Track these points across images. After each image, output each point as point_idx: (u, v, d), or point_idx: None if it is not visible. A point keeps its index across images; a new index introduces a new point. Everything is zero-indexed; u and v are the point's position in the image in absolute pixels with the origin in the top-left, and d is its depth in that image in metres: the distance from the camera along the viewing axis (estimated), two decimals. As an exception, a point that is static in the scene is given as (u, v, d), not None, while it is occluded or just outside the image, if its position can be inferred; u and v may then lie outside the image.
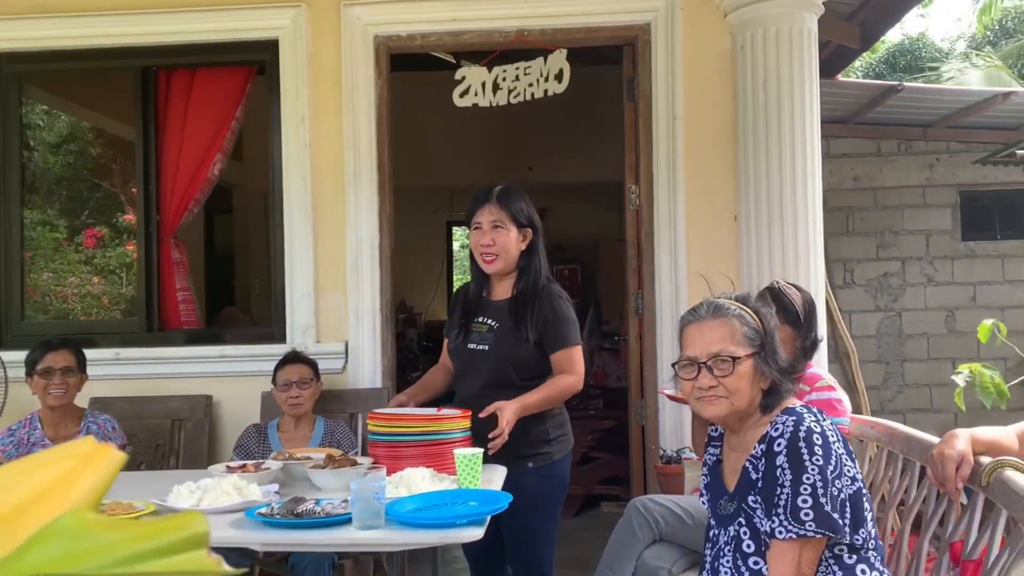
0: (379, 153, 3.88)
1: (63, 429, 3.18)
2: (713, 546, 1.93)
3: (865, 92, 5.70)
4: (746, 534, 1.83)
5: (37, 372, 3.12)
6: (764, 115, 3.53)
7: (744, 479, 1.85)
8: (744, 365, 1.83)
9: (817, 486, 1.71)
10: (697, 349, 1.86)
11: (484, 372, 2.76)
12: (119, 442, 3.26)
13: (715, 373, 1.83)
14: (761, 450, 1.82)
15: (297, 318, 3.89)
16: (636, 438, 3.90)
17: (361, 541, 1.98)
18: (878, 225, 6.47)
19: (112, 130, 5.51)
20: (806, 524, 1.71)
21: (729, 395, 1.83)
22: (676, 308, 3.73)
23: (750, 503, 1.82)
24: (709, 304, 1.90)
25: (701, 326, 1.88)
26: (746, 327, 1.85)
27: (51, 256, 5.22)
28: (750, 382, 1.83)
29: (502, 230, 2.72)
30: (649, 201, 3.81)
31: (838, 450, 1.77)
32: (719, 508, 1.93)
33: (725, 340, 1.83)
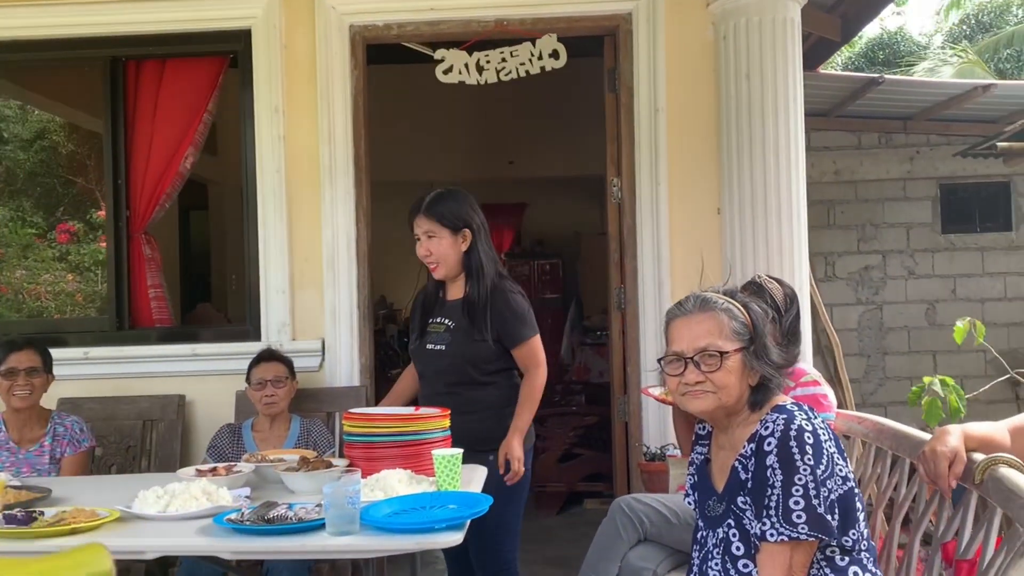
0: (355, 146, 3.79)
1: (28, 432, 3.08)
2: (701, 548, 1.87)
3: (846, 85, 5.68)
4: (735, 536, 1.77)
5: (1, 373, 3.01)
6: (748, 106, 3.48)
7: (733, 479, 1.79)
8: (732, 360, 1.77)
9: (809, 487, 1.66)
10: (683, 344, 1.81)
11: (444, 371, 2.81)
12: (88, 444, 3.17)
13: (702, 368, 1.78)
14: (751, 449, 1.76)
15: (272, 315, 3.80)
16: (619, 435, 3.84)
17: (335, 548, 1.90)
18: (859, 218, 6.48)
19: (82, 123, 5.38)
20: (798, 526, 1.65)
21: (717, 390, 1.78)
22: (659, 303, 3.68)
23: (739, 504, 1.76)
24: (696, 298, 1.85)
25: (688, 320, 1.82)
26: (734, 321, 1.80)
27: (24, 253, 5.10)
28: (738, 377, 1.78)
29: (435, 238, 2.78)
30: (631, 194, 3.75)
31: (830, 449, 1.72)
32: (707, 509, 1.87)
33: (712, 334, 1.78)
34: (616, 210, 3.85)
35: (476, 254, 2.79)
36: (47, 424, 3.11)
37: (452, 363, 2.78)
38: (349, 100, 3.79)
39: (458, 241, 2.78)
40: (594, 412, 5.44)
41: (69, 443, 3.10)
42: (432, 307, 2.91)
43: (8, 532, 1.97)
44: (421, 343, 2.88)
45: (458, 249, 2.79)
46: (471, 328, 2.76)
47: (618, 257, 3.85)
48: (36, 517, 2.04)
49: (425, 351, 2.85)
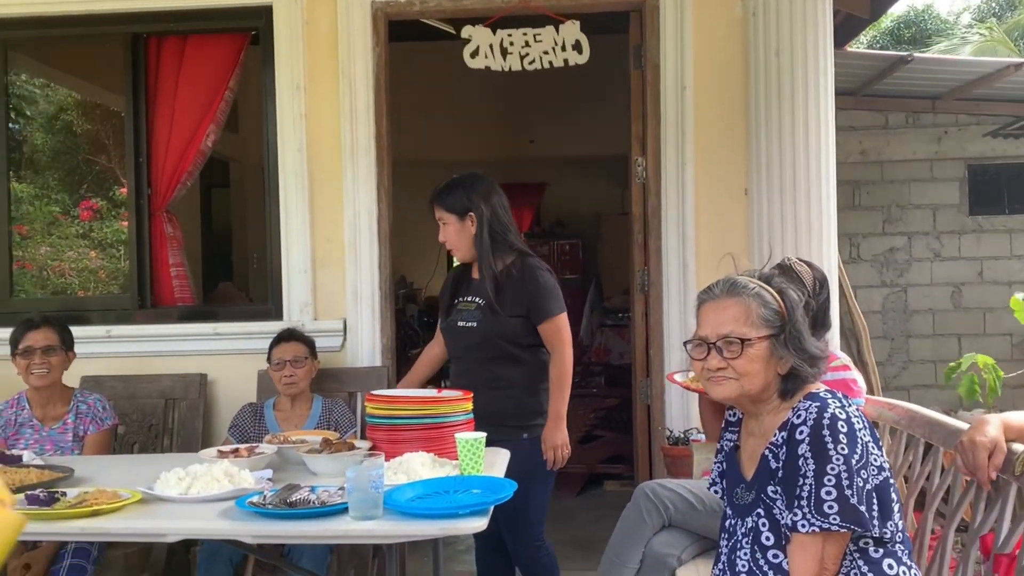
0: (377, 125, 3.75)
1: (51, 409, 3.09)
2: (730, 537, 1.83)
3: (874, 63, 5.55)
4: (765, 526, 1.73)
5: (19, 352, 3.01)
6: (777, 84, 3.41)
7: (763, 468, 1.75)
8: (756, 348, 1.72)
9: (842, 477, 1.61)
10: (708, 329, 1.77)
11: (475, 347, 2.89)
12: (111, 422, 3.17)
13: (724, 354, 1.74)
14: (782, 438, 1.71)
15: (294, 295, 3.78)
16: (641, 418, 3.80)
17: (358, 533, 1.88)
18: (885, 199, 6.39)
19: (104, 101, 5.37)
20: (830, 517, 1.61)
21: (739, 377, 1.73)
22: (683, 285, 3.63)
23: (769, 493, 1.72)
24: (726, 282, 1.80)
25: (715, 305, 1.78)
26: (764, 308, 1.74)
27: (48, 230, 5.12)
28: (763, 365, 1.73)
29: (447, 225, 2.92)
30: (656, 174, 3.69)
31: (864, 438, 1.67)
32: (736, 497, 1.83)
33: (738, 321, 1.74)
34: (640, 190, 3.79)
35: (482, 237, 2.86)
36: (70, 402, 3.11)
37: (484, 339, 2.86)
38: (371, 78, 3.74)
39: (466, 226, 2.88)
40: (614, 394, 5.40)
41: (92, 421, 3.11)
42: (461, 286, 2.99)
43: (30, 513, 1.96)
44: (452, 321, 2.95)
45: (468, 233, 2.89)
46: (499, 304, 2.83)
47: (642, 238, 3.79)
48: (58, 498, 2.03)
49: (457, 328, 2.93)
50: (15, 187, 4.71)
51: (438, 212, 2.93)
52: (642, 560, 2.49)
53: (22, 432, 3.04)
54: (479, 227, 2.86)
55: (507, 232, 2.90)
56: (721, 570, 1.83)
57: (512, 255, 2.90)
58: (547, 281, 2.87)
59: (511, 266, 2.88)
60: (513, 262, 2.88)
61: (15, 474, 2.24)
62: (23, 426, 3.05)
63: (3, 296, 3.99)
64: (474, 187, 2.90)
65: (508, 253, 2.90)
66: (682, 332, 3.63)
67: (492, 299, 2.83)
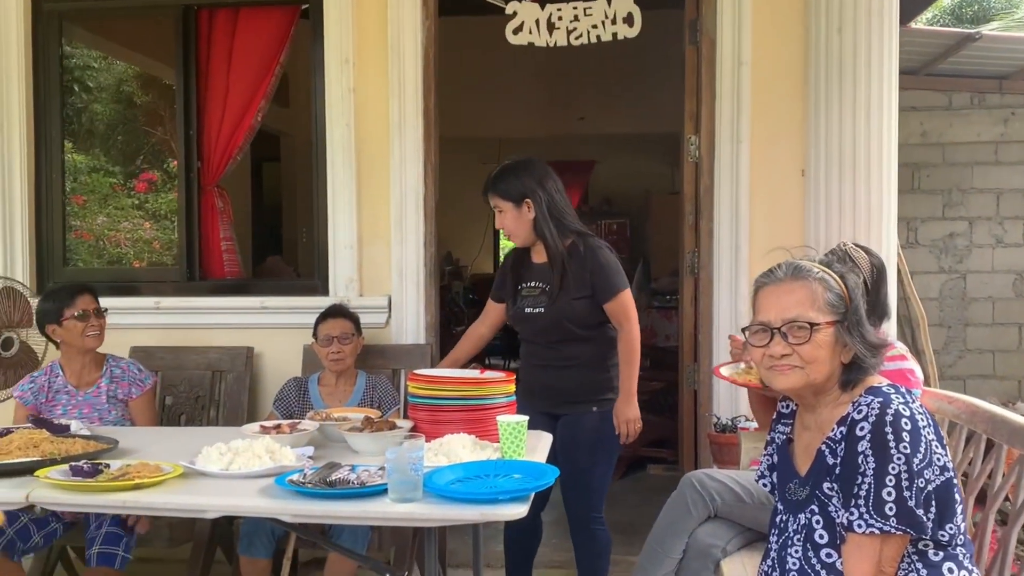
0: (425, 100, 3.71)
1: (86, 375, 3.15)
2: (780, 533, 1.77)
3: (939, 41, 5.36)
4: (819, 523, 1.66)
5: (75, 316, 3.06)
6: (839, 61, 3.29)
7: (819, 463, 1.68)
8: (823, 333, 1.65)
9: (902, 477, 1.54)
10: (772, 314, 1.68)
11: (545, 332, 2.93)
12: (150, 381, 3.23)
13: (790, 340, 1.65)
14: (841, 433, 1.64)
15: (340, 270, 3.77)
16: (688, 403, 3.73)
17: (396, 516, 1.86)
18: (945, 183, 6.18)
19: (157, 73, 5.41)
20: (889, 519, 1.54)
21: (804, 365, 1.65)
22: (735, 268, 3.54)
23: (825, 490, 1.65)
24: (789, 265, 1.72)
25: (778, 288, 1.70)
26: (829, 292, 1.66)
27: (104, 201, 5.20)
28: (829, 353, 1.65)
29: (503, 213, 2.93)
30: (710, 152, 3.59)
31: (928, 436, 1.59)
32: (787, 492, 1.76)
33: (804, 305, 1.65)
34: (693, 169, 3.70)
35: (541, 222, 2.87)
36: (103, 366, 3.17)
37: (552, 323, 2.89)
38: (420, 52, 3.69)
39: (523, 212, 2.89)
40: (660, 377, 5.33)
41: (131, 384, 3.16)
42: (522, 271, 3.01)
43: (73, 485, 1.97)
44: (519, 308, 2.97)
45: (526, 219, 2.89)
46: (563, 288, 2.86)
47: (693, 219, 3.70)
48: (102, 470, 2.05)
49: (524, 315, 2.96)
50: (76, 158, 4.79)
51: (493, 200, 2.94)
52: (685, 550, 2.43)
53: (58, 398, 3.11)
54: (539, 212, 2.87)
55: (564, 215, 2.91)
56: (770, 567, 1.77)
57: (571, 236, 2.92)
58: (608, 259, 2.89)
59: (571, 248, 2.90)
60: (573, 243, 2.90)
61: (61, 444, 2.27)
62: (59, 392, 3.12)
63: (57, 266, 4.06)
64: (529, 172, 2.90)
65: (567, 235, 2.91)
66: (732, 317, 3.54)
67: (557, 283, 2.86)
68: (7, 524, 2.76)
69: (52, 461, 2.14)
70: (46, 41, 4.01)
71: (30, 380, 3.15)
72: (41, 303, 3.17)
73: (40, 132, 4.02)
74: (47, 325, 3.11)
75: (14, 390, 3.18)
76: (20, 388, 3.14)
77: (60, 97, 4.10)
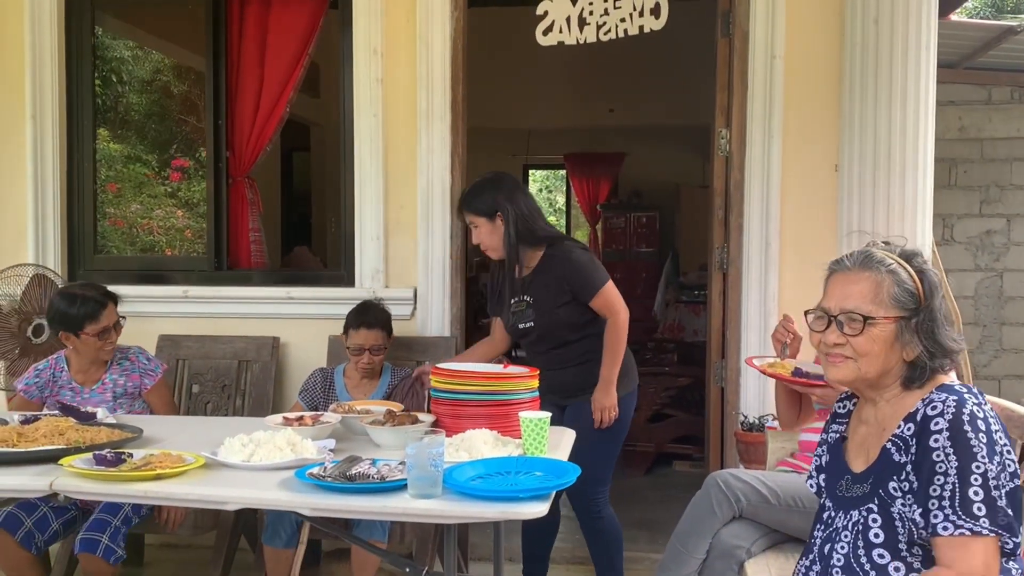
0: (453, 91, 3.68)
1: (93, 372, 3.04)
2: (826, 528, 1.71)
3: (979, 34, 5.23)
4: (875, 522, 1.60)
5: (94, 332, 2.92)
6: (875, 54, 3.22)
7: (884, 461, 1.61)
8: (880, 328, 1.59)
9: (989, 476, 1.47)
10: (832, 301, 1.64)
11: (539, 341, 3.02)
12: (161, 368, 3.13)
13: (844, 330, 1.61)
14: (910, 430, 1.57)
15: (366, 262, 3.77)
16: (715, 400, 3.69)
17: (416, 512, 1.84)
18: (983, 179, 6.06)
19: (189, 63, 5.44)
20: (979, 520, 1.47)
21: (856, 357, 1.60)
22: (765, 264, 3.49)
23: (890, 490, 1.58)
24: (860, 253, 1.66)
25: (845, 277, 1.65)
26: (898, 287, 1.60)
27: (139, 189, 5.24)
28: (886, 348, 1.59)
29: (478, 228, 2.98)
30: (741, 146, 3.53)
31: (1001, 440, 1.53)
32: (838, 489, 1.70)
33: (864, 297, 1.60)
34: (723, 163, 3.64)
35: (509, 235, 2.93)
36: (107, 361, 3.06)
37: (544, 333, 2.98)
38: (448, 42, 3.67)
39: (497, 226, 2.94)
40: (686, 373, 5.28)
41: (143, 375, 3.07)
42: (506, 287, 3.06)
43: (96, 474, 1.98)
44: (513, 324, 3.05)
45: (499, 233, 2.95)
46: (547, 298, 2.94)
47: (722, 214, 3.65)
48: (125, 459, 2.05)
49: (518, 330, 3.04)
50: (111, 147, 4.83)
51: (468, 216, 3.01)
52: (709, 550, 2.40)
53: (63, 394, 3.00)
54: (506, 226, 2.93)
55: (534, 225, 2.96)
56: (813, 560, 1.72)
57: (542, 246, 2.97)
58: (581, 259, 2.94)
59: (544, 258, 2.97)
60: (544, 254, 2.97)
61: (86, 432, 2.28)
62: (63, 388, 3.02)
63: (88, 253, 4.09)
64: (498, 187, 2.97)
65: (539, 246, 2.97)
66: (761, 314, 3.49)
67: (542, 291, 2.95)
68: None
69: (76, 449, 2.15)
70: (79, 30, 4.04)
71: (35, 373, 3.04)
72: (63, 304, 2.94)
73: (73, 121, 4.06)
74: (62, 331, 2.95)
75: (18, 383, 3.06)
76: (25, 381, 3.02)
77: (92, 86, 4.13)
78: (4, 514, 2.74)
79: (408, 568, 2.22)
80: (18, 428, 2.27)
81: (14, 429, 2.25)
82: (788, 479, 2.43)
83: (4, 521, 2.74)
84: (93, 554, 2.64)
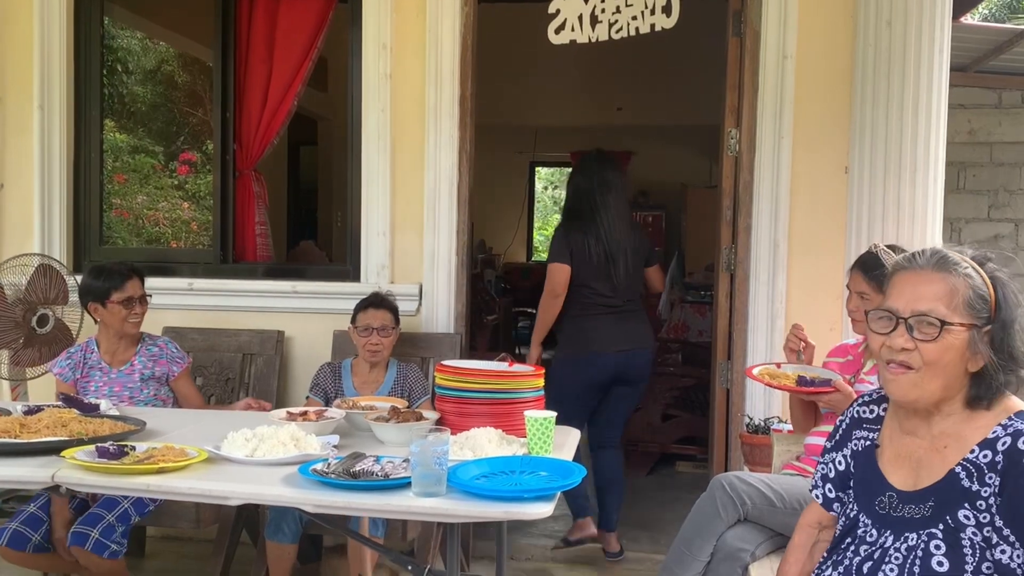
0: (462, 87, 3.66)
1: (121, 353, 3.13)
2: (867, 547, 1.59)
3: (990, 37, 5.20)
4: (939, 549, 1.48)
5: (120, 300, 3.04)
6: (887, 56, 3.19)
7: (950, 485, 1.49)
8: (954, 336, 1.46)
9: None
10: (902, 302, 1.52)
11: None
12: (187, 359, 3.22)
13: (915, 335, 1.48)
14: (986, 458, 1.47)
15: (372, 257, 3.76)
16: (720, 402, 3.67)
17: (419, 510, 1.83)
18: (993, 183, 6.02)
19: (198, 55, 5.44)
20: None
21: (920, 367, 1.49)
22: (773, 266, 3.46)
23: (960, 518, 1.47)
24: (934, 253, 1.54)
25: (916, 276, 1.53)
26: (972, 292, 1.48)
27: (146, 181, 5.24)
28: (956, 358, 1.48)
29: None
30: (750, 147, 3.51)
31: None
32: (879, 506, 1.59)
33: (939, 299, 1.48)
34: (732, 163, 3.62)
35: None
36: (137, 345, 3.16)
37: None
38: (458, 38, 3.65)
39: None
40: (691, 373, 5.26)
41: (170, 362, 3.15)
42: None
43: (98, 466, 1.97)
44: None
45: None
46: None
47: (730, 214, 3.62)
48: (127, 452, 2.04)
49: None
50: (118, 138, 4.83)
51: None
52: (713, 553, 2.38)
53: (92, 375, 3.11)
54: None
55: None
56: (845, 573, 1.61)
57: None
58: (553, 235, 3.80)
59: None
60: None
61: (89, 424, 2.27)
62: (92, 369, 3.11)
63: (94, 244, 4.08)
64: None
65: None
66: (769, 315, 3.47)
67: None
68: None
69: (79, 441, 2.14)
70: (88, 21, 4.03)
71: (67, 356, 3.15)
72: (90, 277, 3.12)
73: (80, 111, 4.05)
74: (91, 303, 3.08)
75: (52, 366, 3.17)
76: (58, 364, 3.13)
77: (100, 77, 4.12)
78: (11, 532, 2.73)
79: (410, 566, 2.21)
80: (20, 419, 2.27)
81: (16, 420, 2.25)
82: (794, 482, 2.41)
83: (11, 540, 2.73)
84: (82, 547, 2.64)
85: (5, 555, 2.74)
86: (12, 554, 2.73)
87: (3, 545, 2.70)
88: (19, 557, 2.75)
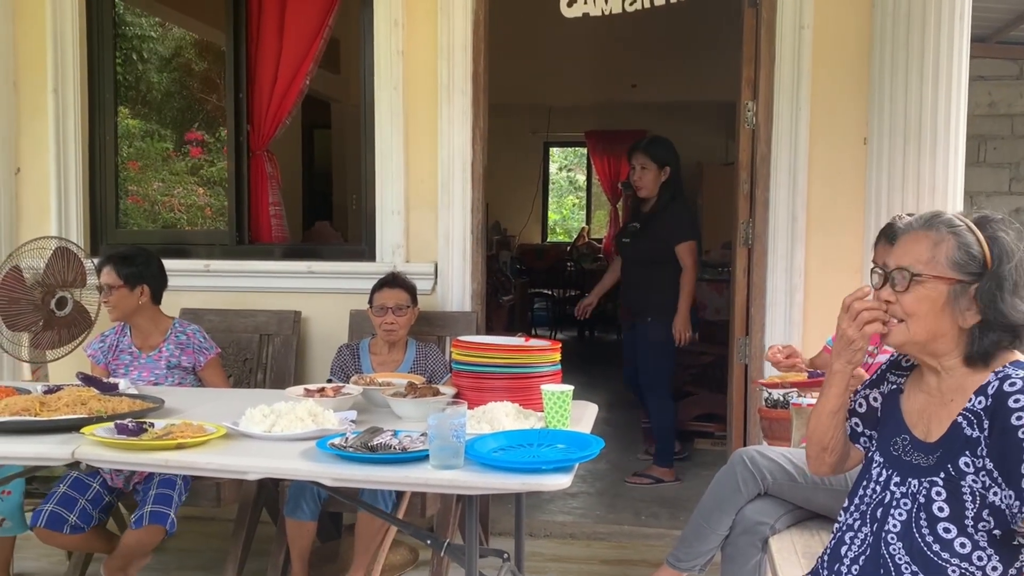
0: (474, 64, 3.64)
1: (151, 339, 3.15)
2: (881, 488, 1.64)
3: (1012, 6, 5.10)
4: (940, 495, 1.54)
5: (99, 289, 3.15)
6: (906, 25, 3.13)
7: (954, 435, 1.54)
8: (928, 288, 1.53)
9: None
10: (892, 258, 1.61)
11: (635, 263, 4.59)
12: (216, 348, 3.22)
13: (895, 287, 1.57)
14: (981, 403, 1.51)
15: (387, 236, 3.75)
16: (738, 378, 3.65)
17: (437, 482, 1.83)
18: (1013, 156, 5.95)
19: (210, 39, 5.43)
20: None
21: (905, 318, 1.56)
22: (791, 239, 3.44)
23: (960, 466, 1.52)
24: (929, 214, 1.62)
25: (907, 236, 1.61)
26: (959, 249, 1.53)
27: (159, 166, 5.25)
28: (934, 311, 1.54)
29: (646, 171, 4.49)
30: (768, 119, 3.47)
31: None
32: (892, 447, 1.64)
33: (919, 256, 1.56)
34: (749, 136, 3.58)
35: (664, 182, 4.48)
36: (167, 332, 3.17)
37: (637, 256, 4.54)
38: (470, 14, 3.62)
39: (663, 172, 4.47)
40: (709, 351, 5.23)
41: (197, 352, 3.15)
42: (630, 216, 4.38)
43: (117, 442, 1.98)
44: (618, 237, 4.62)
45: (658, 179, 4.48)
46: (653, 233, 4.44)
47: (748, 188, 3.59)
48: (146, 428, 2.05)
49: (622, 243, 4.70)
50: (131, 123, 4.83)
51: (643, 159, 4.42)
52: (732, 526, 2.37)
53: (121, 358, 3.13)
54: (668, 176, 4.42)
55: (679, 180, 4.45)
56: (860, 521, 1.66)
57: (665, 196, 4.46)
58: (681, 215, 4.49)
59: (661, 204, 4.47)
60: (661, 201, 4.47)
61: (108, 402, 2.28)
62: (123, 352, 3.14)
63: (110, 227, 4.10)
64: (672, 149, 4.50)
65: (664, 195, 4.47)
66: (787, 290, 3.45)
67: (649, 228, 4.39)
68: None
69: (98, 419, 2.15)
70: (100, 4, 4.03)
71: (100, 339, 3.18)
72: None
73: (94, 96, 4.06)
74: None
75: (87, 348, 3.21)
76: (92, 347, 3.16)
77: (113, 60, 4.12)
78: (48, 514, 2.75)
79: (429, 540, 2.22)
80: (40, 397, 2.29)
81: (36, 398, 2.27)
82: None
83: (49, 521, 2.75)
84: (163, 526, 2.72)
85: (44, 537, 2.76)
86: (51, 535, 2.75)
87: (43, 527, 2.72)
88: (57, 538, 2.77)
